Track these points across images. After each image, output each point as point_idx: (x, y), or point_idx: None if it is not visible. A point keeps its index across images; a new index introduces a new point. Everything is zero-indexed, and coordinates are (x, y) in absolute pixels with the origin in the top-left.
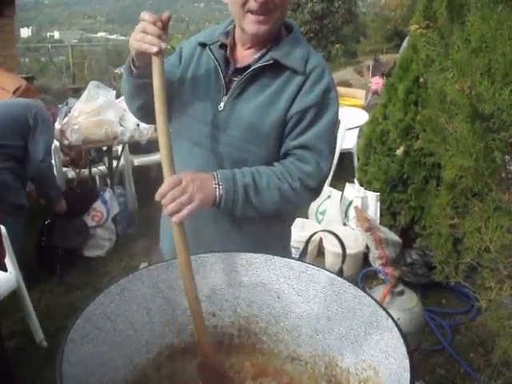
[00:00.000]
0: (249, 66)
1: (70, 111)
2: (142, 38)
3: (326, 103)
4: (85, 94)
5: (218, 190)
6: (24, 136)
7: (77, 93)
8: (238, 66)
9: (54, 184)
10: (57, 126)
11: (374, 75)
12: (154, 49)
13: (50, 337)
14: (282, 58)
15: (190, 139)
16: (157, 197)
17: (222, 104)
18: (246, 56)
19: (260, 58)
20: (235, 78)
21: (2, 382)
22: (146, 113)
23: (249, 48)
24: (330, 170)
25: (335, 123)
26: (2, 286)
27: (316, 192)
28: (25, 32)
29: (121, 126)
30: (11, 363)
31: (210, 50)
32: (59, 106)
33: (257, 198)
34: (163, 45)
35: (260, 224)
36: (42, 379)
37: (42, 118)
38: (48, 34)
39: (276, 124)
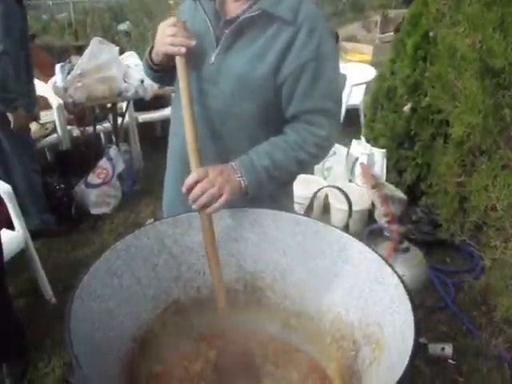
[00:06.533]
0: (237, 18)
1: (72, 69)
2: (172, 41)
3: (323, 58)
4: (87, 51)
5: (242, 181)
6: None
7: (80, 51)
8: (228, 18)
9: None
10: (60, 84)
11: (382, 31)
12: (183, 50)
13: (59, 294)
14: (270, 7)
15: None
16: (184, 189)
17: (212, 57)
18: (235, 8)
19: (248, 9)
20: (226, 31)
21: (14, 339)
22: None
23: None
24: (340, 123)
25: (338, 76)
26: (10, 245)
27: (330, 149)
28: None
29: (125, 82)
30: (20, 321)
31: (201, 4)
32: (61, 63)
33: (279, 175)
34: (193, 42)
35: None
36: (53, 335)
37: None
38: None
39: (265, 77)
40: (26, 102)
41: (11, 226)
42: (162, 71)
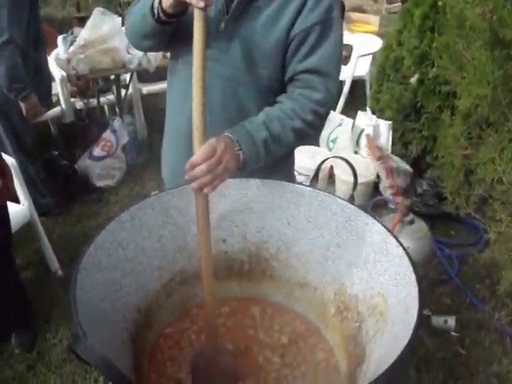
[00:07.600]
0: None
1: (75, 40)
2: None
3: (329, 22)
4: (90, 22)
5: (241, 155)
6: None
7: (82, 22)
8: None
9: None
10: (62, 56)
11: (389, 1)
12: (202, 4)
13: (65, 266)
14: None
15: (191, 63)
16: (187, 166)
17: (222, 25)
18: None
19: None
20: None
21: (20, 311)
22: (151, 50)
23: None
24: (337, 91)
25: (341, 44)
26: (15, 218)
27: (327, 116)
28: None
29: (128, 53)
30: (28, 293)
31: None
32: (63, 35)
33: (276, 146)
34: (211, 1)
35: None
36: (60, 307)
37: None
38: None
39: (279, 43)
40: (37, 88)
41: (15, 200)
42: (166, 24)
